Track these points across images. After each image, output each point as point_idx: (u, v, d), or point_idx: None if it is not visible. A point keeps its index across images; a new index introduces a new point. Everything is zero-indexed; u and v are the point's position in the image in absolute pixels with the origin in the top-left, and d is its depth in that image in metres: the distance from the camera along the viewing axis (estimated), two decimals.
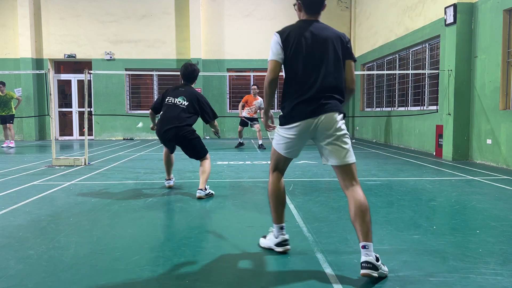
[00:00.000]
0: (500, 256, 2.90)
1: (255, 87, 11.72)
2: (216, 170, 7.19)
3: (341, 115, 2.75)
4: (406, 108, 11.68)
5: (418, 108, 11.01)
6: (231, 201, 4.78)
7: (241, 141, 11.86)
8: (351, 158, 2.72)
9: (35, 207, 4.45)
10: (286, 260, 2.85)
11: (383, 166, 7.58)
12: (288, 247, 2.97)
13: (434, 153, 9.39)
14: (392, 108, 12.68)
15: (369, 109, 14.79)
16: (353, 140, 14.20)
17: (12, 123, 12.40)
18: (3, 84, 12.15)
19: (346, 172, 2.70)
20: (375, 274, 2.45)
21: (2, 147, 11.99)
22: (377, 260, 2.52)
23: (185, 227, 3.73)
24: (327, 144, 2.71)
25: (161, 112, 5.30)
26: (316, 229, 3.56)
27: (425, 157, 8.99)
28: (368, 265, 2.46)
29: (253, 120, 11.53)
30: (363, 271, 2.47)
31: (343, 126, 2.73)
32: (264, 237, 3.15)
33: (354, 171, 2.72)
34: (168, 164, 5.58)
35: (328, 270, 2.64)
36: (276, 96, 16.46)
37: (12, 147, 11.98)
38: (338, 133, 2.69)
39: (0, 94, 12.10)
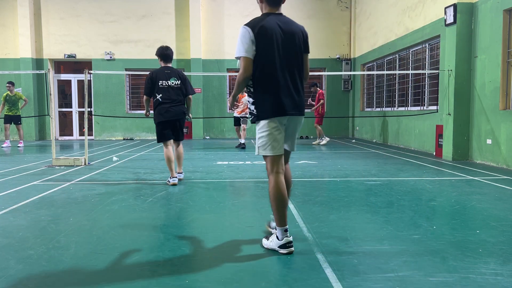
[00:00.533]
0: (500, 256, 2.90)
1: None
2: (216, 170, 7.19)
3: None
4: (406, 108, 11.68)
5: (418, 108, 11.01)
6: (231, 201, 4.78)
7: (242, 142, 11.67)
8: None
9: (35, 207, 4.45)
10: (286, 260, 2.85)
11: (383, 166, 7.58)
12: (292, 248, 2.96)
13: (434, 153, 9.39)
14: (392, 108, 12.69)
15: (369, 109, 14.79)
16: (353, 140, 14.21)
17: (20, 123, 12.58)
18: (12, 84, 12.20)
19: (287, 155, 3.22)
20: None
21: (2, 147, 12.01)
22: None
23: (185, 227, 3.73)
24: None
25: (158, 97, 5.68)
26: (316, 229, 3.56)
27: (425, 157, 8.99)
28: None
29: (242, 119, 11.42)
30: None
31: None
32: (267, 238, 3.13)
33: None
34: (171, 161, 5.79)
35: (328, 270, 2.64)
36: None
37: (20, 147, 12.13)
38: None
39: (9, 93, 12.15)
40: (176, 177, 5.76)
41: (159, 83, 5.66)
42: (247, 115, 11.34)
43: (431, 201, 4.72)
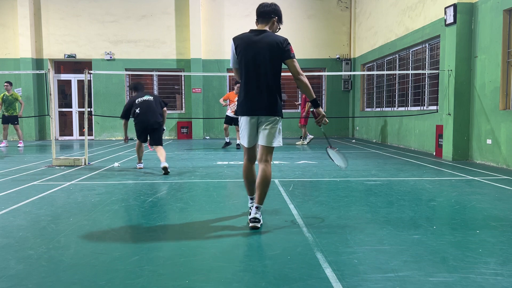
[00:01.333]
0: (500, 256, 2.90)
1: (239, 85, 11.58)
2: (216, 170, 7.19)
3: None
4: (406, 108, 11.68)
5: (418, 108, 11.01)
6: (231, 201, 4.78)
7: (228, 141, 11.55)
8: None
9: (35, 207, 4.45)
10: (286, 260, 2.85)
11: (383, 166, 7.58)
12: (254, 224, 3.57)
13: (434, 153, 9.39)
14: (392, 108, 12.69)
15: (369, 109, 14.79)
16: (353, 140, 14.21)
17: (17, 123, 12.57)
18: (10, 84, 12.20)
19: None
20: (258, 225, 3.56)
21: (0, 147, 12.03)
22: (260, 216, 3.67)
23: (185, 227, 3.73)
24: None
25: (137, 111, 6.90)
26: (316, 229, 3.56)
27: (425, 157, 8.99)
28: (256, 220, 3.55)
29: (235, 122, 11.02)
30: (251, 224, 3.54)
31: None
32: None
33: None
34: (141, 151, 7.33)
35: (328, 270, 2.64)
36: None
37: (20, 147, 12.15)
38: None
39: (6, 93, 12.14)
40: (141, 163, 7.37)
41: (136, 100, 6.96)
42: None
43: (431, 201, 4.72)
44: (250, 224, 3.56)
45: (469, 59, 8.32)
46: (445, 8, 8.56)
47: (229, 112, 11.17)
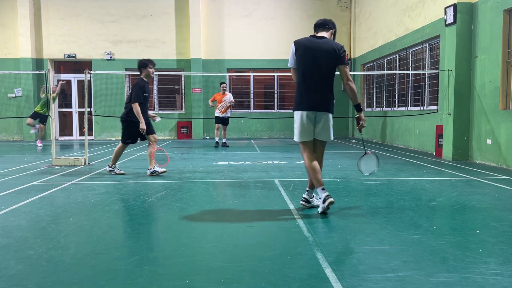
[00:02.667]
0: (500, 256, 2.90)
1: (225, 84, 11.83)
2: (216, 170, 7.19)
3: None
4: (406, 108, 11.68)
5: (418, 108, 11.01)
6: (231, 201, 4.78)
7: (218, 141, 11.99)
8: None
9: (35, 207, 4.45)
10: (286, 260, 2.85)
11: (383, 166, 7.58)
12: (331, 199, 3.94)
13: (434, 153, 9.39)
14: (392, 108, 12.69)
15: (369, 109, 14.78)
16: (353, 140, 14.21)
17: (45, 124, 12.86)
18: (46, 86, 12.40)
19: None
20: (308, 205, 4.34)
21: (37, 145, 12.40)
22: (312, 197, 4.36)
23: (185, 227, 3.73)
24: None
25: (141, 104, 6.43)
26: (316, 229, 3.56)
27: (425, 157, 8.99)
28: (304, 199, 4.38)
29: (224, 121, 11.74)
30: (301, 202, 4.40)
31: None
32: (307, 201, 4.33)
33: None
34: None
35: (328, 270, 2.64)
36: (276, 97, 16.45)
37: (40, 146, 12.41)
38: None
39: (54, 95, 12.35)
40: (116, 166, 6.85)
41: (145, 94, 6.47)
42: (229, 115, 11.83)
43: (431, 201, 4.72)
44: (301, 202, 4.38)
45: (469, 59, 8.32)
46: (445, 8, 8.56)
47: (218, 113, 11.64)
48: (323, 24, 4.20)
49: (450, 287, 2.40)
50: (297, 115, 4.08)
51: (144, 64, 6.47)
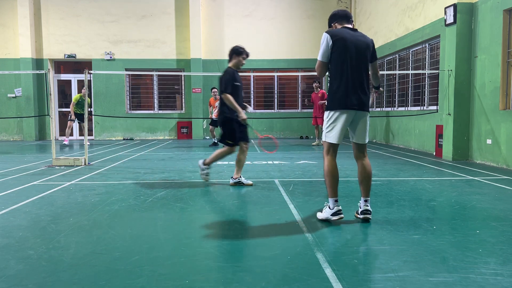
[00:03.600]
0: (500, 256, 2.90)
1: (215, 89, 11.97)
2: (216, 170, 7.19)
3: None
4: (406, 108, 11.68)
5: (418, 108, 11.01)
6: (231, 201, 4.78)
7: (215, 141, 12.25)
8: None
9: (35, 207, 4.45)
10: (286, 260, 2.85)
11: (383, 166, 7.58)
12: (342, 215, 3.68)
13: (434, 153, 9.39)
14: (392, 108, 12.69)
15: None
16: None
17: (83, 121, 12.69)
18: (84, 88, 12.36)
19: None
20: (370, 216, 3.74)
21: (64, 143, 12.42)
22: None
23: (185, 227, 3.73)
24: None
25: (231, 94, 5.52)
26: (316, 229, 3.56)
27: (425, 157, 8.99)
28: (368, 212, 3.73)
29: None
30: (363, 216, 3.73)
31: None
32: (321, 210, 3.90)
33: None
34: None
35: (328, 270, 2.64)
36: (276, 97, 16.45)
37: (66, 145, 12.41)
38: None
39: (82, 97, 12.31)
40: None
41: (235, 83, 5.55)
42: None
43: (431, 201, 4.72)
44: (361, 216, 3.73)
45: (469, 59, 8.32)
46: (445, 8, 8.56)
47: (213, 116, 12.00)
48: (348, 17, 3.85)
49: (450, 287, 2.40)
50: (336, 113, 3.67)
51: (238, 51, 5.59)
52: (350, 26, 3.80)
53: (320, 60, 3.72)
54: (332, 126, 3.70)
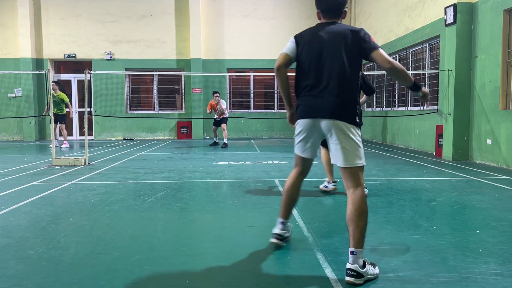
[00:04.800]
0: (500, 256, 2.90)
1: (217, 94, 12.13)
2: (216, 170, 7.19)
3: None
4: (406, 108, 11.68)
5: (418, 108, 11.01)
6: (231, 201, 4.78)
7: (216, 140, 12.47)
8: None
9: (35, 207, 4.45)
10: (286, 260, 2.85)
11: (383, 166, 7.58)
12: (275, 241, 3.07)
13: (434, 153, 9.39)
14: (392, 108, 12.69)
15: (369, 109, 14.78)
16: None
17: (64, 123, 12.12)
18: (57, 83, 11.85)
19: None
20: (359, 281, 2.42)
21: (50, 146, 11.83)
22: (364, 265, 2.47)
23: (185, 227, 3.73)
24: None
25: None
26: (316, 229, 3.56)
27: (425, 157, 8.99)
28: (352, 272, 2.44)
29: (221, 121, 12.15)
30: (347, 278, 2.46)
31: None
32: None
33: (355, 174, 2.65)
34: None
35: (328, 270, 2.64)
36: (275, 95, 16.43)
37: (65, 147, 11.88)
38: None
39: (53, 93, 11.81)
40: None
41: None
42: (226, 116, 12.13)
43: (431, 201, 4.72)
44: (347, 278, 2.47)
45: (469, 59, 8.32)
46: (445, 8, 8.56)
47: (215, 116, 12.28)
48: (329, 10, 2.83)
49: (450, 287, 2.40)
50: (299, 123, 2.88)
51: None
52: (332, 20, 2.83)
53: (283, 51, 2.92)
54: (297, 139, 2.92)
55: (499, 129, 7.48)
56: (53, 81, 11.85)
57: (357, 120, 2.67)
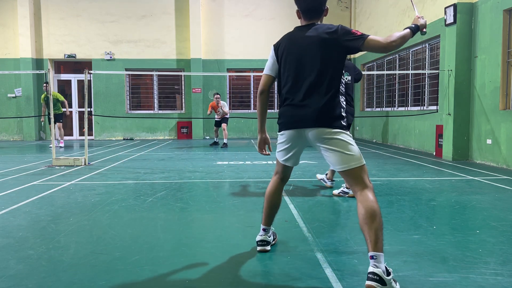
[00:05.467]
0: (500, 256, 2.90)
1: (218, 95, 12.12)
2: (216, 170, 7.19)
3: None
4: (406, 108, 11.68)
5: (418, 108, 11.01)
6: (231, 201, 4.78)
7: (216, 140, 12.59)
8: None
9: (35, 207, 4.45)
10: (286, 260, 2.85)
11: (383, 166, 7.58)
12: (266, 248, 3.01)
13: (434, 153, 9.39)
14: (392, 108, 12.69)
15: (369, 109, 14.79)
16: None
17: (62, 122, 12.20)
18: (47, 83, 11.84)
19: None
20: (377, 286, 2.20)
21: (50, 146, 11.82)
22: (388, 274, 2.26)
23: (185, 227, 3.73)
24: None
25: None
26: (316, 229, 3.56)
27: (425, 157, 8.99)
28: (375, 276, 2.21)
29: (222, 120, 12.30)
30: (368, 283, 2.23)
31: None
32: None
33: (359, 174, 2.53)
34: None
35: (328, 270, 2.64)
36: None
37: (61, 147, 11.89)
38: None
39: (46, 94, 11.85)
40: None
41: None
42: (227, 116, 12.21)
43: (431, 201, 4.72)
44: (366, 283, 2.26)
45: (469, 59, 8.32)
46: (445, 8, 8.56)
47: (216, 117, 12.37)
48: (308, 11, 2.81)
49: (450, 287, 2.40)
50: (282, 134, 2.78)
51: None
52: (311, 22, 2.78)
53: (263, 73, 2.89)
54: (280, 147, 2.82)
55: (499, 129, 7.48)
56: (45, 82, 11.93)
57: (343, 124, 2.59)
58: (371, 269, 2.25)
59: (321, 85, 2.59)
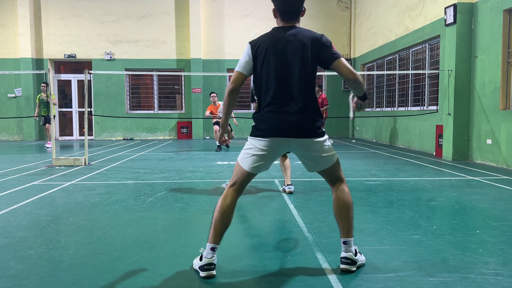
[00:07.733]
0: (500, 256, 2.90)
1: (214, 94, 11.71)
2: (216, 170, 7.19)
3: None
4: (406, 108, 11.68)
5: (418, 108, 11.01)
6: None
7: (219, 144, 12.06)
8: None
9: (35, 207, 4.45)
10: (286, 260, 2.85)
11: (383, 166, 7.58)
12: (213, 272, 2.56)
13: (434, 153, 9.39)
14: (392, 108, 12.69)
15: (369, 109, 14.79)
16: (353, 140, 14.21)
17: (50, 124, 12.12)
18: (47, 84, 11.82)
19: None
20: (353, 268, 2.63)
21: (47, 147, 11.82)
22: (355, 254, 2.68)
23: (185, 227, 3.73)
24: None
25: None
26: (316, 229, 3.56)
27: (425, 157, 8.99)
28: (347, 260, 2.64)
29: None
30: (342, 266, 2.65)
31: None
32: (200, 258, 2.68)
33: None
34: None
35: (328, 270, 2.64)
36: None
37: (48, 147, 11.72)
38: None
39: (42, 94, 11.77)
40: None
41: None
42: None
43: (431, 201, 4.72)
44: (341, 266, 2.64)
45: (469, 59, 8.32)
46: (445, 8, 8.56)
47: (216, 118, 11.92)
48: (286, 12, 2.62)
49: (450, 287, 2.40)
50: (256, 142, 2.61)
51: None
52: (290, 24, 2.63)
53: (236, 69, 2.65)
54: (249, 152, 2.62)
55: (499, 129, 7.48)
56: (43, 82, 11.89)
57: (323, 130, 2.63)
58: (343, 254, 2.67)
59: (308, 92, 2.59)
